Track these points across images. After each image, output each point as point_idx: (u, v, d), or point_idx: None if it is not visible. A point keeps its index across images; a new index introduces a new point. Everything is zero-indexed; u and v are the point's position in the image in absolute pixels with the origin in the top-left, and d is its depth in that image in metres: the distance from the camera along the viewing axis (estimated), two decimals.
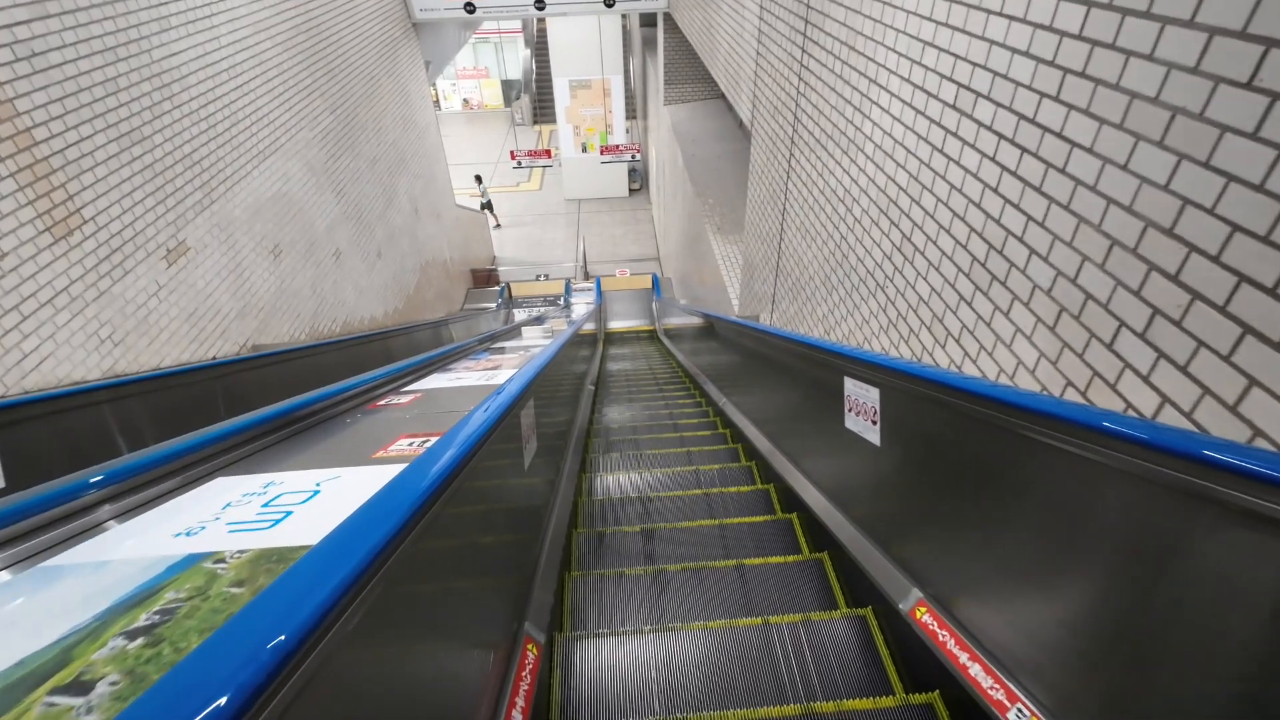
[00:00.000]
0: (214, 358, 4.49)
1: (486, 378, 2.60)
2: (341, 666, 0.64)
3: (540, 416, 2.72)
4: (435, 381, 2.54)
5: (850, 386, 2.24)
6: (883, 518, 1.99)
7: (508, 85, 26.48)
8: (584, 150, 17.82)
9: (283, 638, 0.54)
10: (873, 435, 2.07)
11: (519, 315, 12.51)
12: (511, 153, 12.51)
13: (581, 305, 12.33)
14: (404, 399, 2.15)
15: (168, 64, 4.24)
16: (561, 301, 13.17)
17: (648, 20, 16.63)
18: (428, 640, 1.00)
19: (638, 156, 12.58)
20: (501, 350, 3.71)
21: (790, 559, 2.21)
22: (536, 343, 4.28)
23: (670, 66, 11.53)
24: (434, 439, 1.56)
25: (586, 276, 14.70)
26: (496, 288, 13.35)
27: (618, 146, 12.48)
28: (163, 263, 4.06)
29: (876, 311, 2.77)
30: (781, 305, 4.37)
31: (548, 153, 12.60)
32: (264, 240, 5.26)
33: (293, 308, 5.63)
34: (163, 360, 3.99)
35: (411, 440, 1.53)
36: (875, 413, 2.04)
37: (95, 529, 1.06)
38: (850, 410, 2.26)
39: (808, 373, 2.85)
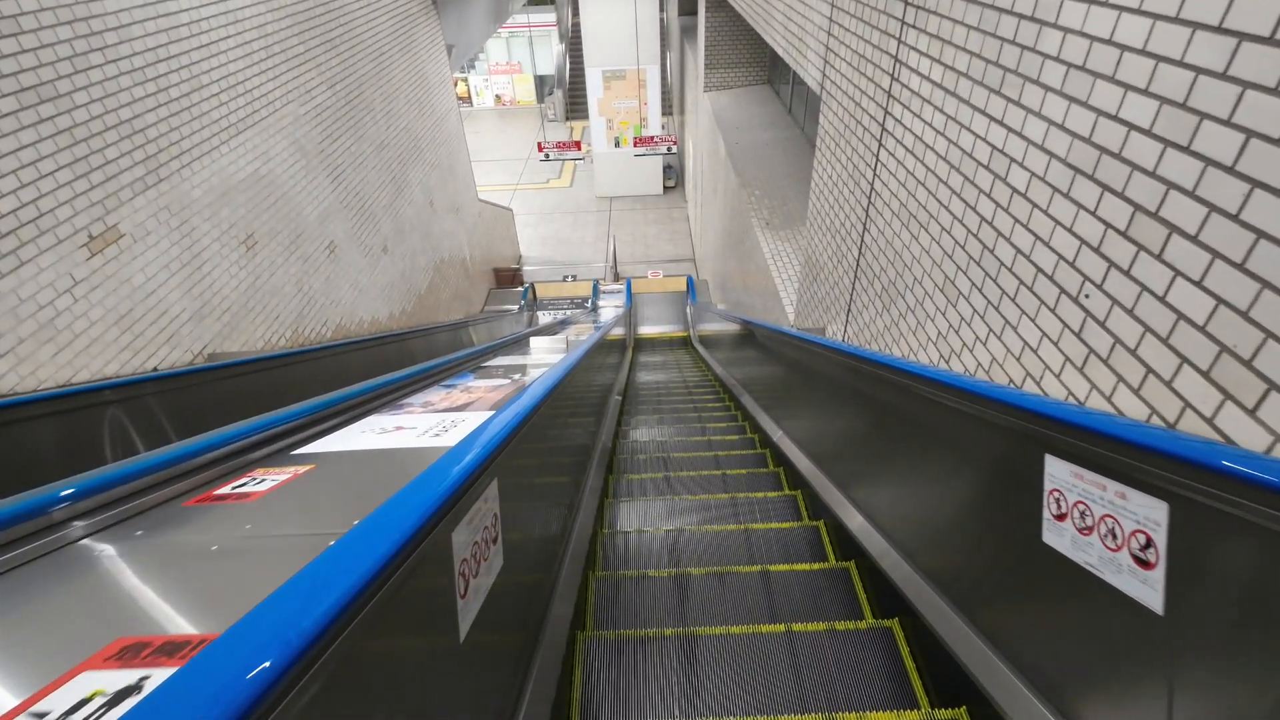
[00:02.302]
0: (155, 369, 3.68)
1: (443, 426, 1.67)
2: None
3: (534, 476, 1.79)
4: (357, 435, 1.61)
5: (1065, 477, 1.23)
6: None
7: (540, 81, 25.83)
8: (617, 145, 16.94)
9: None
10: (1145, 591, 1.06)
11: (543, 318, 11.67)
12: (539, 144, 11.67)
13: (610, 308, 11.43)
14: (271, 480, 1.23)
15: (97, 8, 3.44)
16: (589, 304, 12.29)
17: (687, 8, 15.68)
18: None
19: (673, 148, 11.63)
20: (491, 373, 2.77)
21: None
22: (545, 360, 3.34)
23: (712, 49, 10.54)
24: (162, 676, 0.63)
25: (616, 278, 13.80)
26: (520, 289, 12.54)
27: (652, 138, 11.54)
28: (82, 252, 3.25)
29: (1056, 335, 1.75)
30: (862, 316, 3.35)
31: (577, 144, 11.74)
32: (233, 229, 4.45)
33: (270, 308, 4.82)
34: (76, 374, 3.18)
35: (111, 679, 0.59)
36: (1158, 550, 1.03)
37: None
38: (1062, 517, 1.25)
39: (930, 421, 1.85)
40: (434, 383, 2.51)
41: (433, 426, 1.69)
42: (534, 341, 3.99)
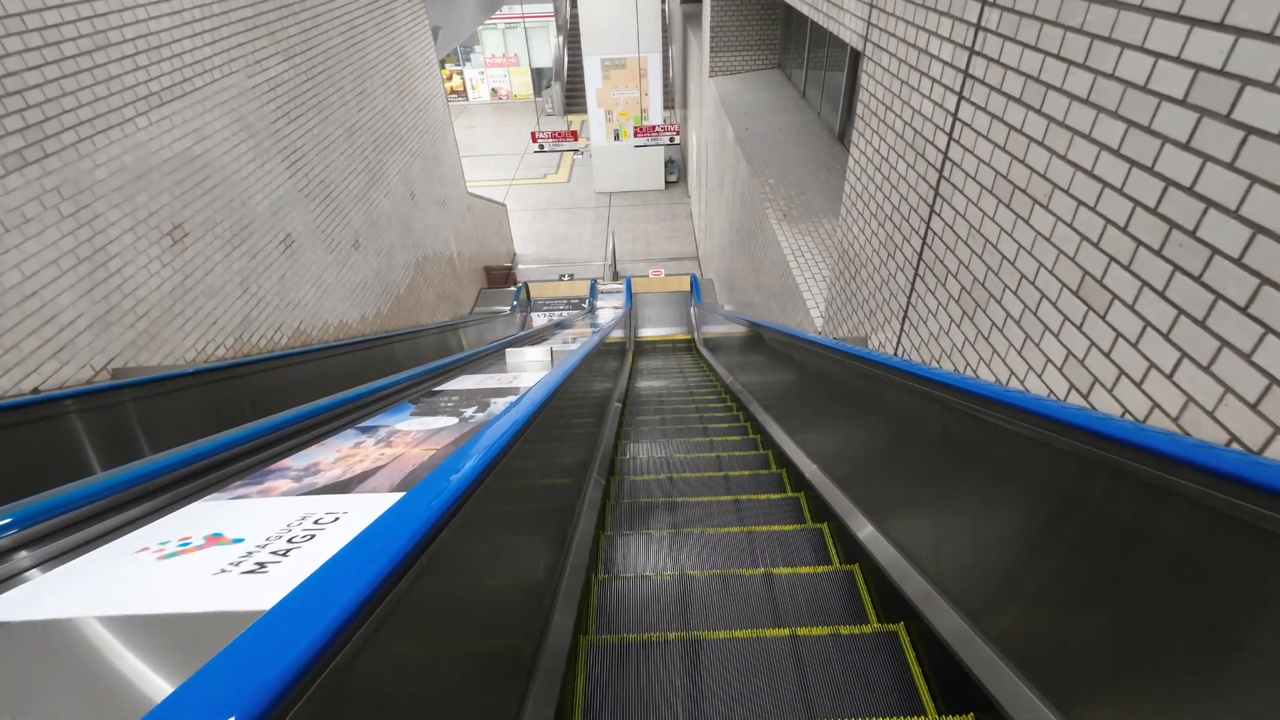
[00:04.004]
0: (35, 390, 2.95)
1: (289, 537, 0.94)
2: None
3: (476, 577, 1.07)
4: (118, 563, 0.89)
5: None
6: None
7: (538, 74, 25.08)
8: (616, 138, 16.20)
9: None
10: None
11: (537, 320, 10.94)
12: (533, 134, 10.93)
13: (609, 310, 10.70)
14: None
15: None
16: (586, 305, 11.55)
17: None
18: None
19: (676, 138, 10.89)
20: (438, 405, 2.03)
21: None
22: (518, 384, 2.60)
23: (718, 30, 9.80)
24: None
25: (615, 277, 13.06)
26: (513, 289, 11.81)
27: (654, 127, 10.80)
28: None
29: None
30: (925, 326, 2.61)
31: (574, 134, 10.99)
32: (153, 217, 3.72)
33: (206, 312, 4.09)
34: None
35: None
36: None
37: None
38: None
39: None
40: (350, 422, 1.77)
41: (271, 537, 0.94)
42: (510, 355, 3.25)
